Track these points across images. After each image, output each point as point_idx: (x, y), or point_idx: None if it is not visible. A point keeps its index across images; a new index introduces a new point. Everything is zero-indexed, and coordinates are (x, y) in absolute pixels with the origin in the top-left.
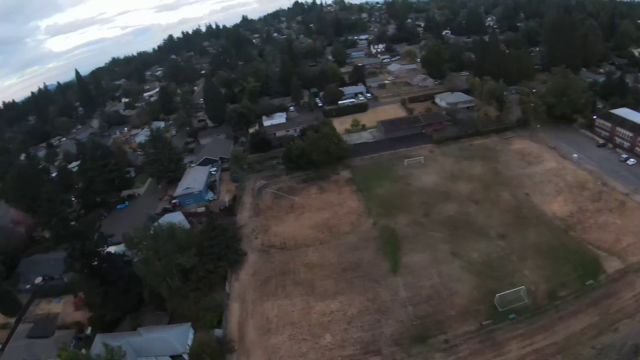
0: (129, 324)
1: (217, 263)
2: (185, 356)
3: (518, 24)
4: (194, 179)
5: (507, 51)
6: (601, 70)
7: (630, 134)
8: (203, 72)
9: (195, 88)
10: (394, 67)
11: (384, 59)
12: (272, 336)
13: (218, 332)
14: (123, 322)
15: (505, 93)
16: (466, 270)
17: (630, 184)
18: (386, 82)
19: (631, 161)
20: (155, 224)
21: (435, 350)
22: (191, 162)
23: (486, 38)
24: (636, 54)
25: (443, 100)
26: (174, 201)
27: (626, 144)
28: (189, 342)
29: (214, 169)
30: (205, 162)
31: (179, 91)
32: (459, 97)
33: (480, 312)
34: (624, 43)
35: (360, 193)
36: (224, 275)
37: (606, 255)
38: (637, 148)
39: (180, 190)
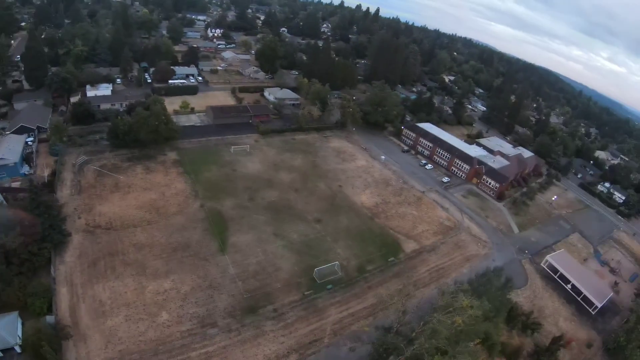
0: None
1: (41, 244)
2: (17, 348)
3: (350, 36)
4: (9, 149)
5: (337, 59)
6: (414, 89)
7: (431, 145)
8: (23, 24)
9: (12, 42)
10: (228, 54)
11: (219, 44)
12: (108, 319)
13: (50, 318)
14: None
15: (328, 96)
16: (288, 248)
17: (426, 184)
18: (219, 68)
19: (429, 166)
20: None
21: (266, 319)
22: (3, 128)
23: (320, 43)
24: (446, 80)
25: (272, 94)
26: None
27: (426, 152)
28: (19, 332)
29: (31, 139)
30: (20, 131)
31: None
32: (286, 93)
33: (302, 284)
34: (438, 69)
35: (188, 175)
36: (49, 258)
37: (405, 238)
38: (435, 156)
39: None
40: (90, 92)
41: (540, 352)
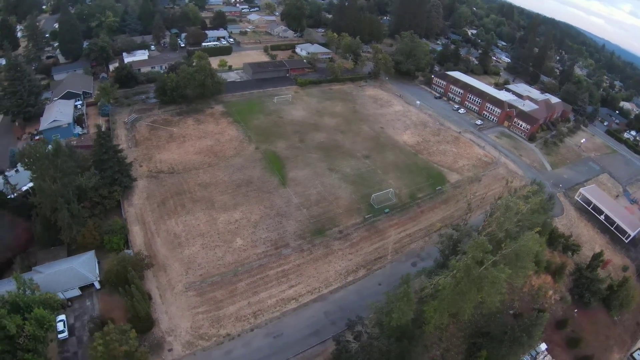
0: (20, 266)
1: (111, 188)
2: (96, 284)
3: None
4: (60, 111)
5: (363, 14)
6: (438, 42)
7: (461, 91)
8: (44, 7)
9: (38, 24)
10: (253, 16)
11: (242, 8)
12: (185, 249)
13: (128, 252)
14: (13, 266)
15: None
16: (343, 180)
17: (461, 126)
18: (247, 30)
19: (462, 111)
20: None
21: (333, 239)
22: (47, 98)
23: (345, 2)
24: (469, 33)
25: (304, 50)
26: (38, 137)
27: (457, 99)
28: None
29: (79, 102)
30: (67, 96)
31: (20, 27)
32: (318, 48)
33: (361, 209)
34: (459, 23)
35: (238, 124)
36: (118, 201)
37: (448, 171)
38: (466, 102)
39: (46, 123)
40: (128, 59)
41: (581, 269)
